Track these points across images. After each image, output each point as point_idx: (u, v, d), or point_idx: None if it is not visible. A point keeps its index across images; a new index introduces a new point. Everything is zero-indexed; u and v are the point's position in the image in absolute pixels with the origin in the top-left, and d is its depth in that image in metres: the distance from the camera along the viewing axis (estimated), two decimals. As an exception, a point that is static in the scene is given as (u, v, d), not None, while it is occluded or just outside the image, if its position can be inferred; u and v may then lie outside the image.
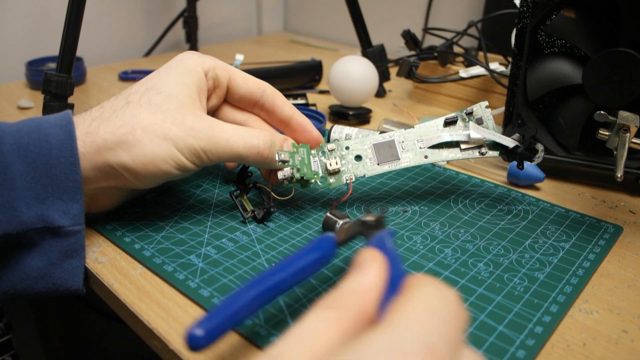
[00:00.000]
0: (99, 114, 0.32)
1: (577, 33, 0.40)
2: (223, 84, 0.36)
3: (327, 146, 0.37)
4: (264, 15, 1.06)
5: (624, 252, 0.35)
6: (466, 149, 0.38)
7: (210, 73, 0.35)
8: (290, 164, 0.35)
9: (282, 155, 0.34)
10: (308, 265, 0.24)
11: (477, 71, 0.57)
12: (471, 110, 0.38)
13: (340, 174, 0.37)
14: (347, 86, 0.55)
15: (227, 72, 0.36)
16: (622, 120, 0.35)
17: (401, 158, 0.37)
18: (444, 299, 0.17)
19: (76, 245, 0.31)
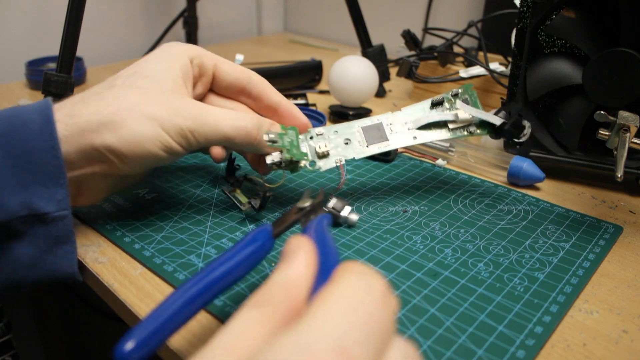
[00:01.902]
0: (82, 97, 0.32)
1: (577, 33, 0.40)
2: (209, 71, 0.36)
3: (315, 130, 0.37)
4: (264, 15, 1.06)
5: (624, 252, 0.35)
6: (454, 129, 0.38)
7: (196, 60, 0.35)
8: (279, 144, 0.34)
9: (270, 135, 0.34)
10: (243, 260, 0.23)
11: (477, 71, 0.57)
12: (457, 91, 0.39)
13: (330, 157, 0.37)
14: (347, 86, 0.55)
15: (213, 60, 0.36)
16: (622, 120, 0.35)
17: (390, 139, 0.38)
18: (369, 291, 0.16)
19: (65, 231, 0.30)
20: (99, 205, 0.39)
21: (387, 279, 0.31)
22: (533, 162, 0.43)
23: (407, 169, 0.46)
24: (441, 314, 0.29)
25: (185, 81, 0.34)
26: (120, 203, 0.39)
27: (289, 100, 0.38)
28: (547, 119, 0.44)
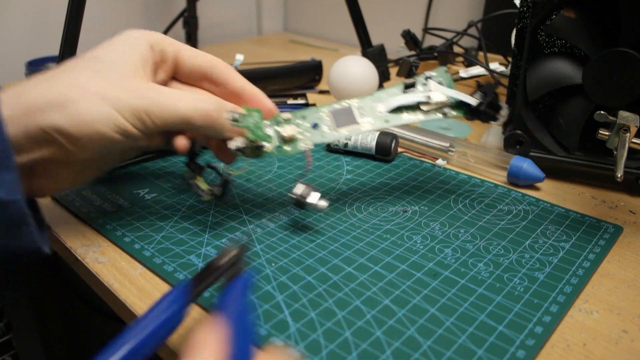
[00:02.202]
0: (34, 79, 0.30)
1: (577, 33, 0.40)
2: (170, 58, 0.35)
3: (282, 116, 0.36)
4: (264, 15, 1.06)
5: (624, 252, 0.35)
6: (428, 111, 0.37)
7: (157, 46, 0.34)
8: (243, 124, 0.33)
9: (234, 115, 0.33)
10: (154, 332, 0.21)
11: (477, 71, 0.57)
12: (430, 74, 0.38)
13: (296, 142, 0.35)
14: (347, 86, 0.55)
15: (175, 47, 0.35)
16: (622, 120, 0.35)
17: (360, 123, 0.37)
18: None
19: (20, 215, 0.28)
20: (98, 205, 0.39)
21: (388, 278, 0.32)
22: (533, 162, 0.43)
23: (407, 169, 0.46)
24: (441, 314, 0.29)
25: (144, 66, 0.33)
26: (120, 203, 0.39)
27: (257, 89, 0.37)
28: (547, 119, 0.44)
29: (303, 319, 0.28)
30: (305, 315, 0.28)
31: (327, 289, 0.31)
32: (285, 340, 0.27)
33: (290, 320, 0.28)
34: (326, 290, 0.30)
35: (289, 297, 0.30)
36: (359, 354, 0.26)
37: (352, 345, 0.26)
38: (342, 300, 0.30)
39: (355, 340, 0.27)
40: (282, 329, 0.27)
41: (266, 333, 0.27)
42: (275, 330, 0.27)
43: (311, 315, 0.28)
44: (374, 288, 0.31)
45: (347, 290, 0.31)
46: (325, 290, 0.30)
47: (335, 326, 0.28)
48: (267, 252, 0.34)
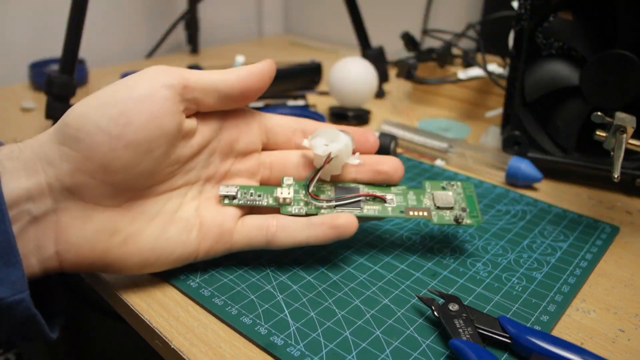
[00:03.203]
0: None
1: (574, 35, 0.41)
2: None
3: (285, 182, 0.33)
4: (265, 17, 1.07)
5: (621, 252, 0.36)
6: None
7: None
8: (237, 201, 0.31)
9: (229, 190, 0.31)
10: None
11: (476, 73, 0.58)
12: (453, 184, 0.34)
13: (293, 205, 0.32)
14: (347, 87, 0.56)
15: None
16: (618, 121, 0.36)
17: (363, 208, 0.32)
18: None
19: (27, 313, 0.25)
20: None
21: (387, 278, 0.32)
22: (531, 163, 0.43)
23: (406, 169, 0.46)
24: (439, 313, 0.29)
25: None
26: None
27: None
28: (545, 120, 0.45)
29: (303, 319, 0.28)
30: (305, 315, 0.29)
31: (326, 288, 0.31)
32: (285, 340, 0.27)
33: (290, 319, 0.28)
34: (326, 289, 0.31)
35: (289, 296, 0.30)
36: (358, 353, 0.26)
37: (352, 344, 0.27)
38: (341, 300, 0.30)
39: (354, 340, 0.27)
40: (282, 329, 0.28)
41: (266, 332, 0.27)
42: (275, 329, 0.28)
43: (311, 314, 0.29)
44: (374, 288, 0.31)
45: (347, 289, 0.31)
46: (325, 290, 0.31)
47: (334, 325, 0.28)
48: (267, 252, 0.34)
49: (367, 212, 0.32)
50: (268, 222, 0.31)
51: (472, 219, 0.32)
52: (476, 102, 0.60)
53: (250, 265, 0.33)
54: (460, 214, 0.32)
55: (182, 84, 0.28)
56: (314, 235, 0.30)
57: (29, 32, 0.75)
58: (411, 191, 0.34)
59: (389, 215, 0.32)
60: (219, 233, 0.30)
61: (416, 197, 0.33)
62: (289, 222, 0.31)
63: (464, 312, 0.27)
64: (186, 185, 0.31)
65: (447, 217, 0.32)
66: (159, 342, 0.28)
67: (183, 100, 0.28)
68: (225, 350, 0.27)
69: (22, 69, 0.71)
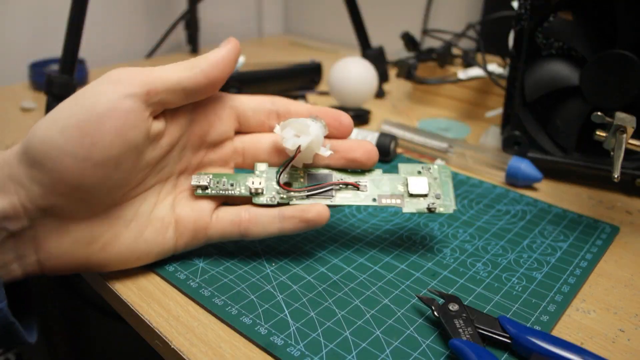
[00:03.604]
0: None
1: (574, 35, 0.41)
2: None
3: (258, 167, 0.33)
4: (265, 17, 1.07)
5: (621, 252, 0.36)
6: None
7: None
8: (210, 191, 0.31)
9: (201, 179, 0.31)
10: None
11: (476, 73, 0.58)
12: (431, 167, 0.34)
13: (265, 194, 0.32)
14: (347, 87, 0.56)
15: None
16: (618, 121, 0.36)
17: (335, 196, 0.32)
18: None
19: (5, 322, 0.25)
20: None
21: (387, 278, 0.32)
22: (531, 163, 0.43)
23: (407, 169, 0.46)
24: (439, 313, 0.29)
25: None
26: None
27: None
28: (545, 120, 0.45)
29: (303, 319, 0.28)
30: (305, 315, 0.29)
31: (326, 288, 0.31)
32: (285, 340, 0.27)
33: (290, 319, 0.28)
34: (326, 289, 0.31)
35: (289, 296, 0.30)
36: (358, 353, 0.26)
37: (352, 344, 0.27)
38: (341, 300, 0.30)
39: (354, 340, 0.27)
40: (282, 328, 0.28)
41: (266, 332, 0.27)
42: (275, 329, 0.28)
43: (311, 314, 0.29)
44: (374, 288, 0.31)
45: (347, 289, 0.31)
46: (325, 290, 0.31)
47: (334, 325, 0.28)
48: (267, 252, 0.34)
49: (338, 201, 0.32)
50: (241, 215, 0.31)
51: (445, 207, 0.32)
52: (476, 102, 0.60)
53: (250, 265, 0.33)
54: (433, 203, 0.32)
55: (145, 90, 0.27)
56: (286, 227, 0.31)
57: (29, 32, 0.75)
58: (385, 176, 0.33)
59: (361, 204, 0.32)
60: (194, 229, 0.31)
61: (390, 183, 0.33)
62: (261, 215, 0.31)
63: (464, 312, 0.27)
64: (160, 183, 0.31)
65: (420, 205, 0.32)
66: (159, 342, 0.28)
67: (148, 106, 0.27)
68: (225, 350, 0.27)
69: (22, 69, 0.71)
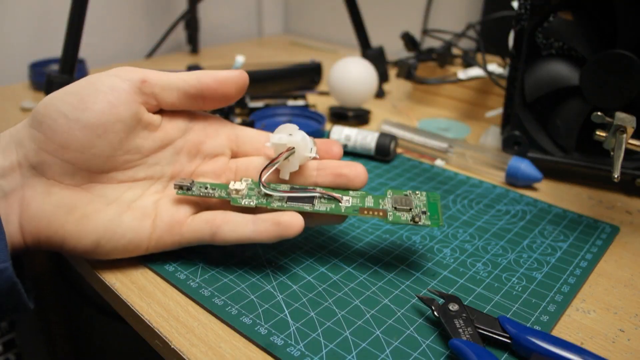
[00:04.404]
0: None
1: (574, 35, 0.41)
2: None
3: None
4: (265, 17, 1.07)
5: (621, 252, 0.36)
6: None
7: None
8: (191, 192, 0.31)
9: (183, 182, 0.31)
10: None
11: (476, 73, 0.58)
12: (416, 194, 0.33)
13: (247, 196, 0.31)
14: (347, 87, 0.56)
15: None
16: (618, 121, 0.36)
17: (315, 205, 0.31)
18: None
19: (9, 282, 0.27)
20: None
21: (387, 278, 0.32)
22: (531, 163, 0.43)
23: (406, 169, 0.46)
24: (439, 313, 0.29)
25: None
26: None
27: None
28: (545, 120, 0.45)
29: (303, 319, 0.28)
30: (305, 315, 0.29)
31: (326, 288, 0.31)
32: (285, 340, 0.27)
33: (290, 319, 0.28)
34: (326, 289, 0.31)
35: (289, 296, 0.30)
36: (358, 353, 0.26)
37: (352, 344, 0.27)
38: (341, 300, 0.30)
39: (354, 340, 0.27)
40: (282, 329, 0.28)
41: (266, 332, 0.27)
42: (275, 329, 0.28)
43: (311, 314, 0.29)
44: (374, 287, 0.31)
45: (347, 289, 0.31)
46: (325, 290, 0.31)
47: (334, 325, 0.28)
48: (267, 252, 0.34)
49: (318, 208, 0.31)
50: (215, 216, 0.31)
51: (431, 221, 0.31)
52: (476, 102, 0.60)
53: (250, 265, 0.33)
54: (418, 214, 0.31)
55: (141, 78, 0.30)
56: (258, 230, 0.30)
57: (29, 32, 0.75)
58: (370, 196, 0.32)
59: (341, 213, 0.31)
60: (170, 224, 0.31)
61: (374, 200, 0.32)
62: (235, 217, 0.31)
63: (464, 312, 0.27)
64: (150, 179, 0.32)
65: (404, 217, 0.31)
66: (159, 342, 0.28)
67: (141, 94, 0.30)
68: (225, 350, 0.27)
69: (22, 69, 0.71)
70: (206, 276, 0.32)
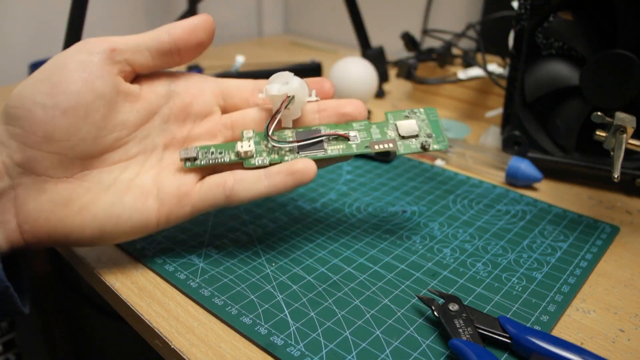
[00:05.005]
0: None
1: (574, 35, 0.41)
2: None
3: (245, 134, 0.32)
4: (265, 17, 1.07)
5: (621, 252, 0.36)
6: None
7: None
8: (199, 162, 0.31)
9: (189, 151, 0.31)
10: None
11: (476, 72, 0.58)
12: (416, 111, 0.34)
13: (255, 157, 0.31)
14: (347, 87, 0.56)
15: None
16: (618, 121, 0.36)
17: (327, 149, 0.31)
18: None
19: (0, 286, 0.26)
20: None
21: (387, 278, 0.32)
22: (531, 163, 0.43)
23: (406, 169, 0.46)
24: (439, 313, 0.29)
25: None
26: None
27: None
28: (545, 120, 0.45)
29: (303, 319, 0.28)
30: (305, 315, 0.29)
31: (326, 288, 0.31)
32: (285, 340, 0.27)
33: (290, 319, 0.28)
34: (326, 289, 0.31)
35: (289, 296, 0.30)
36: (358, 353, 0.26)
37: (352, 344, 0.27)
38: (341, 300, 0.30)
39: (354, 340, 0.27)
40: (282, 328, 0.28)
41: (266, 332, 0.27)
42: (275, 329, 0.28)
43: (311, 314, 0.29)
44: (374, 287, 0.31)
45: (347, 289, 0.31)
46: (325, 290, 0.31)
47: (334, 325, 0.28)
48: (267, 251, 0.34)
49: (331, 153, 0.31)
50: (225, 178, 0.30)
51: (439, 144, 0.32)
52: (476, 102, 0.60)
53: (250, 266, 0.33)
54: (427, 140, 0.32)
55: (109, 47, 0.29)
56: (273, 184, 0.30)
57: (29, 32, 0.75)
58: (374, 125, 0.32)
59: (354, 153, 0.31)
60: (177, 196, 0.30)
61: (379, 130, 0.32)
62: (246, 174, 0.30)
63: (464, 312, 0.27)
64: (143, 154, 0.31)
65: (414, 145, 0.31)
66: (159, 342, 0.28)
67: (115, 63, 0.29)
68: (225, 350, 0.27)
69: (22, 69, 0.71)
70: (206, 276, 0.32)
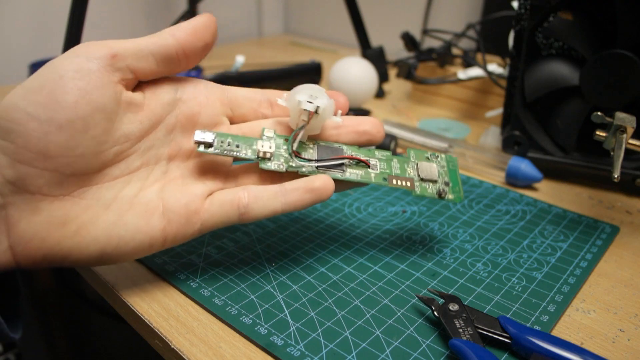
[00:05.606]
0: None
1: (574, 35, 0.41)
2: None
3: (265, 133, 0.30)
4: (265, 17, 1.07)
5: (621, 252, 0.36)
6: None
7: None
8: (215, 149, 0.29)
9: (205, 135, 0.29)
10: None
11: (476, 72, 0.58)
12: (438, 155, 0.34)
13: (273, 160, 0.30)
14: (347, 87, 0.56)
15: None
16: (618, 121, 0.36)
17: (347, 172, 0.31)
18: None
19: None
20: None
21: (387, 278, 0.32)
22: (531, 163, 0.43)
23: (407, 169, 0.46)
24: (439, 313, 0.29)
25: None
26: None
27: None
28: (545, 120, 0.45)
29: (303, 319, 0.28)
30: (305, 315, 0.29)
31: (326, 288, 0.31)
32: (285, 340, 0.27)
33: (290, 319, 0.28)
34: (326, 289, 0.31)
35: (289, 296, 0.30)
36: (358, 353, 0.26)
37: (352, 344, 0.27)
38: (341, 300, 0.30)
39: (354, 340, 0.27)
40: (282, 329, 0.28)
41: (266, 332, 0.27)
42: (275, 329, 0.28)
43: (311, 314, 0.29)
44: (374, 288, 0.31)
45: (347, 289, 0.31)
46: (325, 290, 0.31)
47: (334, 325, 0.28)
48: (267, 252, 0.34)
49: (349, 177, 0.30)
50: (238, 194, 0.28)
51: (454, 195, 0.32)
52: (476, 102, 0.60)
53: (250, 265, 0.33)
54: (443, 189, 0.32)
55: (109, 53, 0.26)
56: (290, 201, 0.28)
57: (29, 32, 0.75)
58: (395, 159, 0.33)
59: (371, 182, 0.31)
60: (186, 215, 0.28)
61: (400, 165, 0.32)
62: (260, 191, 0.29)
63: (464, 312, 0.27)
64: (146, 167, 0.28)
65: (430, 190, 0.32)
66: (159, 342, 0.28)
67: (115, 71, 0.26)
68: (225, 350, 0.27)
69: (22, 69, 0.71)
70: (206, 276, 0.32)
